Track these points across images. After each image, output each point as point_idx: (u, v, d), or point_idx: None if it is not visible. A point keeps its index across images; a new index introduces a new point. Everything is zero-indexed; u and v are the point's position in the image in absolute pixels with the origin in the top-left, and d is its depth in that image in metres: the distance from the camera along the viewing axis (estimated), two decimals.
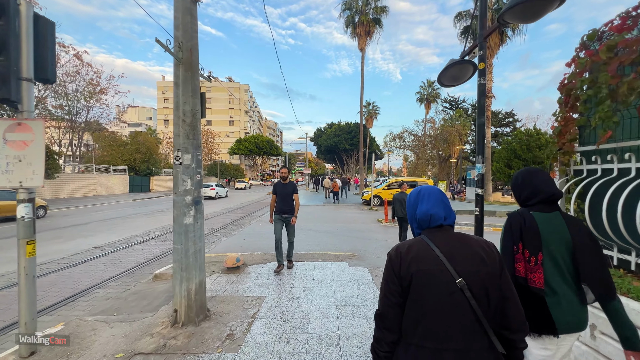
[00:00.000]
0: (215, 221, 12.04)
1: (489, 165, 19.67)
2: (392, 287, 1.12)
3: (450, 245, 1.12)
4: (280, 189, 5.30)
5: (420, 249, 1.13)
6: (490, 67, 19.56)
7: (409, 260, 1.11)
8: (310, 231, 9.70)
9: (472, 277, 1.06)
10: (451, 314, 1.05)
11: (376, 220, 12.22)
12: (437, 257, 1.09)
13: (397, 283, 1.11)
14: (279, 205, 5.31)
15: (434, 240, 1.15)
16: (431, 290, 1.07)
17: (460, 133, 38.73)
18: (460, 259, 1.09)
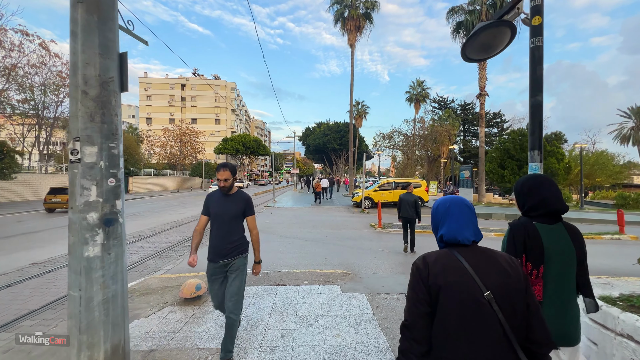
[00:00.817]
0: (189, 227, 10.76)
1: (482, 166, 19.03)
2: (420, 296, 1.10)
3: (477, 259, 1.12)
4: (219, 207, 2.77)
5: (448, 261, 1.12)
6: (484, 64, 18.94)
7: (437, 272, 1.09)
8: (296, 239, 8.58)
9: (499, 291, 1.06)
10: (479, 327, 1.04)
11: (369, 225, 11.22)
12: (465, 269, 1.09)
13: (426, 292, 1.09)
14: (215, 241, 2.84)
15: (461, 252, 1.14)
16: (460, 302, 1.05)
17: (449, 133, 38.43)
18: (488, 272, 1.08)
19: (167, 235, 9.27)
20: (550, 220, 1.50)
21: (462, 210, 1.21)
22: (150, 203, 20.81)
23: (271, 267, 5.91)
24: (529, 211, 1.56)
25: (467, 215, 1.20)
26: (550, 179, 1.55)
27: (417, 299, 1.10)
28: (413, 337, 1.09)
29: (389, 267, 6.02)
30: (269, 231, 9.87)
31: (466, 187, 18.87)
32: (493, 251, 1.16)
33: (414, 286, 1.13)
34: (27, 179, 20.74)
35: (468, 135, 49.89)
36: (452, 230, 1.18)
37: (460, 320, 1.05)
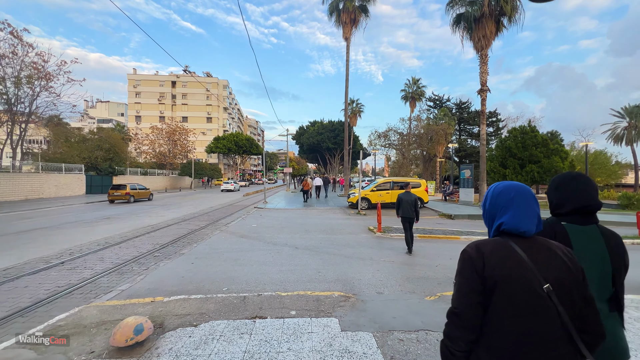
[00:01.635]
0: (166, 232, 9.56)
1: (483, 165, 18.17)
2: (473, 286, 1.07)
3: (535, 251, 1.09)
4: None
5: (506, 252, 1.09)
6: (485, 58, 18.05)
7: (494, 263, 1.07)
8: (285, 247, 7.48)
9: (558, 283, 1.04)
10: (537, 320, 1.02)
11: (367, 229, 10.17)
12: (523, 261, 1.06)
13: (480, 282, 1.06)
14: None
15: (518, 243, 1.11)
16: (518, 295, 1.03)
17: (445, 132, 37.75)
18: (546, 264, 1.07)
19: (138, 242, 8.08)
20: (581, 220, 1.35)
21: (528, 200, 1.15)
22: (132, 205, 19.47)
23: (252, 285, 4.81)
24: (556, 209, 1.43)
25: (532, 205, 1.14)
26: (583, 174, 1.41)
27: (469, 290, 1.08)
28: (463, 325, 1.07)
29: (395, 284, 4.97)
30: (255, 237, 8.75)
31: (467, 186, 18.00)
32: (550, 242, 1.13)
33: (467, 276, 1.09)
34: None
35: (464, 135, 49.32)
36: (516, 220, 1.13)
37: (517, 312, 1.03)
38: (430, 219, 13.16)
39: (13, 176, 20.40)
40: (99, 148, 32.63)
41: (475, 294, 1.06)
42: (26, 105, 21.99)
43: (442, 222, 12.33)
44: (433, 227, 10.87)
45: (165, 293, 4.42)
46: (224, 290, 4.57)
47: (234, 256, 6.61)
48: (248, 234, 9.27)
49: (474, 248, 1.12)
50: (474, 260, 1.09)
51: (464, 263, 1.13)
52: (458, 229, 10.33)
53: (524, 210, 1.13)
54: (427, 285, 4.95)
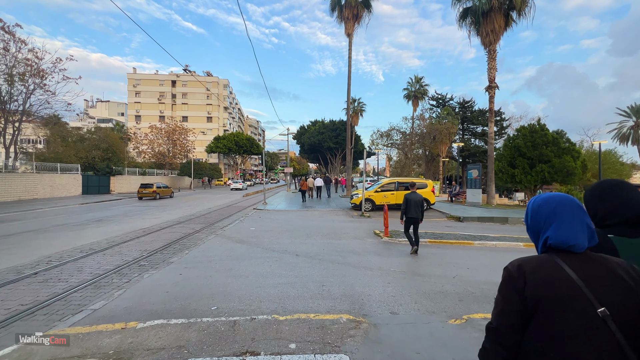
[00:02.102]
0: (158, 237, 8.92)
1: (491, 165, 17.48)
2: (512, 307, 0.98)
3: (587, 268, 0.96)
4: None
5: (551, 270, 0.97)
6: (494, 53, 17.36)
7: (537, 282, 0.96)
8: (285, 255, 6.83)
9: (618, 307, 0.90)
10: (590, 348, 0.88)
11: (372, 233, 9.51)
12: (572, 281, 0.94)
13: (520, 303, 0.97)
14: None
15: (566, 260, 0.98)
16: (565, 319, 0.91)
17: (449, 131, 37.04)
18: (601, 284, 0.93)
19: (125, 248, 7.44)
20: (630, 231, 1.20)
21: (573, 211, 1.02)
22: (127, 205, 18.86)
23: (246, 303, 4.16)
24: (603, 220, 1.26)
25: (580, 216, 1.02)
26: (626, 181, 1.29)
27: (508, 310, 0.99)
28: (499, 341, 0.99)
29: (410, 301, 4.32)
30: (252, 242, 8.09)
31: (474, 187, 17.32)
32: (607, 258, 0.99)
33: (506, 296, 1.01)
34: None
35: (467, 134, 48.62)
36: (561, 233, 1.01)
37: (562, 337, 0.91)
38: (439, 222, 12.49)
39: (6, 176, 19.80)
40: (97, 148, 32.06)
41: (515, 314, 0.97)
42: (20, 103, 21.42)
43: (451, 225, 11.66)
44: (443, 230, 10.20)
45: (142, 314, 3.78)
46: (212, 311, 3.92)
47: (228, 265, 5.96)
48: (245, 238, 8.62)
49: (516, 266, 1.03)
50: (515, 278, 1.00)
51: (504, 281, 1.05)
52: (469, 233, 9.66)
53: (569, 221, 1.01)
54: (448, 303, 4.29)
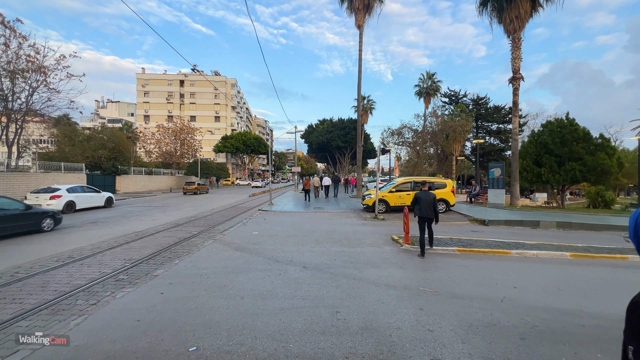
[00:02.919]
0: (149, 243, 7.99)
1: (515, 163, 16.09)
2: None
3: None
4: None
5: None
6: (518, 42, 15.94)
7: None
8: (291, 267, 5.77)
9: None
10: None
11: (390, 240, 8.39)
12: None
13: None
14: None
15: None
16: None
17: (463, 129, 35.48)
18: None
19: (108, 257, 6.51)
20: None
21: None
22: (129, 206, 18.14)
23: (235, 340, 3.12)
24: None
25: None
26: None
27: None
28: None
29: (455, 338, 3.21)
30: (253, 250, 7.07)
31: (497, 187, 15.96)
32: None
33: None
34: None
35: (481, 132, 46.84)
36: None
37: None
38: (462, 226, 11.26)
39: (7, 175, 19.31)
40: (103, 147, 31.71)
41: None
42: (22, 101, 20.97)
43: (477, 230, 10.42)
44: (469, 236, 9.00)
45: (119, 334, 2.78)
46: (189, 354, 2.89)
47: (221, 281, 4.95)
48: (246, 245, 7.61)
49: None
50: None
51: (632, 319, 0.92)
52: (501, 239, 8.43)
53: None
54: (507, 343, 3.17)
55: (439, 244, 7.71)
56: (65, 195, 14.49)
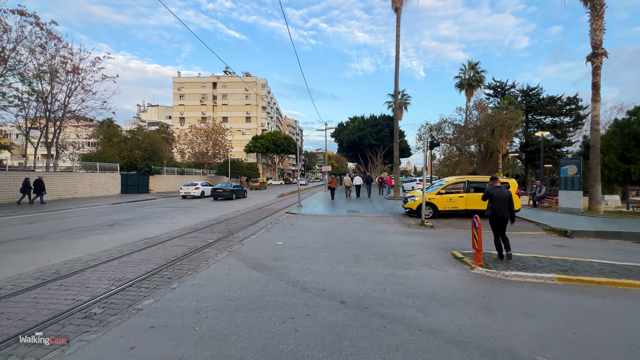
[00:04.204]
0: (153, 254, 6.74)
1: (596, 159, 13.10)
2: None
3: None
4: None
5: None
6: (600, 9, 12.92)
7: None
8: (323, 300, 4.08)
9: None
10: None
11: (451, 257, 6.41)
12: None
13: None
14: None
15: None
16: None
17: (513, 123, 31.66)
18: None
19: (96, 274, 5.28)
20: None
21: None
22: (156, 206, 17.62)
23: None
24: None
25: None
26: None
27: None
28: None
29: None
30: (274, 270, 5.48)
31: (571, 188, 13.10)
32: None
33: None
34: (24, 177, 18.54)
35: (532, 126, 42.08)
36: None
37: None
38: (536, 237, 8.90)
39: (46, 175, 19.79)
40: (138, 147, 32.44)
41: None
42: (60, 103, 21.47)
43: (562, 244, 8.04)
44: (558, 253, 6.74)
45: None
46: None
47: (223, 326, 3.39)
48: (266, 260, 6.07)
49: None
50: None
51: None
52: (609, 260, 6.11)
53: None
54: None
55: (524, 266, 5.63)
56: (200, 187, 24.25)
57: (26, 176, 17.19)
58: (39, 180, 17.02)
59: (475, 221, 5.85)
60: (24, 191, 16.57)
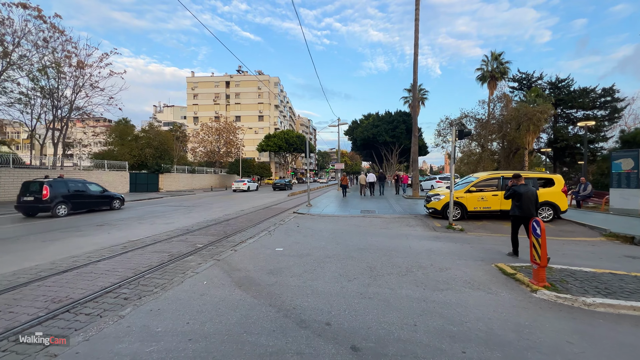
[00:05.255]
0: (128, 262, 5.59)
1: None
2: None
3: None
4: None
5: None
6: None
7: None
8: (327, 345, 2.71)
9: None
10: None
11: (497, 271, 4.91)
12: None
13: None
14: None
15: None
16: None
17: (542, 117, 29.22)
18: None
19: (38, 290, 4.14)
20: None
21: None
22: (160, 205, 16.76)
23: None
24: None
25: None
26: None
27: None
28: None
29: None
30: (265, 289, 4.15)
31: (625, 185, 11.16)
32: None
33: None
34: (27, 174, 18.10)
35: (561, 121, 39.11)
36: None
37: None
38: (595, 244, 7.19)
39: (52, 173, 19.36)
40: (149, 146, 32.09)
41: None
42: (68, 99, 21.05)
43: (636, 254, 6.33)
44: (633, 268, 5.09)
45: None
46: None
47: None
48: (257, 275, 4.76)
49: None
50: None
51: None
52: None
53: None
54: None
55: (607, 288, 4.08)
56: (247, 184, 30.99)
57: (40, 174, 17.10)
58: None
59: (537, 226, 4.33)
60: None
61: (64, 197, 12.03)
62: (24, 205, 11.54)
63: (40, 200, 11.29)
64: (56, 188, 11.83)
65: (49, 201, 11.39)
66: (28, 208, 11.55)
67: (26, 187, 11.77)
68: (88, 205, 13.33)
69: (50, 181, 11.88)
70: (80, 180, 13.70)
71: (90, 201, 13.39)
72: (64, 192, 12.16)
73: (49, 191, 11.43)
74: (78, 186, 12.95)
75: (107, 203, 14.07)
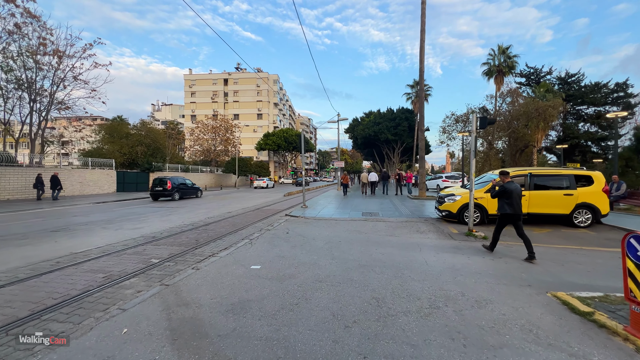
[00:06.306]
0: (35, 290, 4.08)
1: None
2: None
3: None
4: None
5: None
6: None
7: None
8: None
9: None
10: None
11: (556, 302, 3.36)
12: None
13: None
14: None
15: None
16: None
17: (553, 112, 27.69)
18: None
19: None
20: None
21: None
22: (138, 206, 15.24)
23: None
24: None
25: None
26: None
27: None
28: None
29: None
30: (212, 346, 2.60)
31: None
32: None
33: None
34: None
35: (570, 118, 37.51)
36: None
37: None
38: None
39: (26, 171, 17.88)
40: (140, 143, 30.62)
41: None
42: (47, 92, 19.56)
43: None
44: None
45: None
46: None
47: None
48: (209, 315, 3.23)
49: None
50: None
51: None
52: None
53: None
54: None
55: None
56: (266, 182, 34.13)
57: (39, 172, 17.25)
58: (54, 176, 16.85)
59: (638, 246, 2.79)
60: (36, 187, 16.59)
61: (178, 188, 17.92)
62: (155, 193, 17.54)
63: (166, 190, 17.24)
64: (173, 182, 17.70)
65: (171, 190, 17.38)
66: (157, 194, 17.49)
67: (155, 182, 17.67)
68: (187, 193, 19.20)
69: (171, 177, 17.90)
70: (182, 178, 19.36)
71: (187, 190, 19.21)
72: (177, 184, 18.03)
73: (171, 184, 17.36)
74: (181, 181, 18.77)
75: (194, 192, 20.06)
